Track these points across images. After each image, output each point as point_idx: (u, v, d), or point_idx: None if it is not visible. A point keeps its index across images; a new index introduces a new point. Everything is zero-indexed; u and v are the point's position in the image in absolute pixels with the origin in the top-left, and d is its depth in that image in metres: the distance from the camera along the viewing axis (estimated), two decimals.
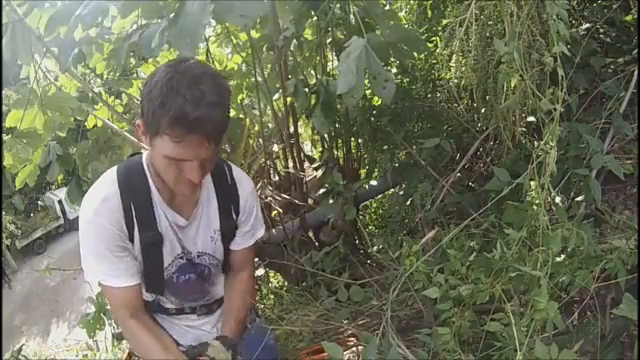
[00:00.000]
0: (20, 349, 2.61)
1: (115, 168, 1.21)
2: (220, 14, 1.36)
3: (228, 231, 1.33)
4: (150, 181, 1.19)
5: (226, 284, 1.48)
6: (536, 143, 1.57)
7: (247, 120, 3.46)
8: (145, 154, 1.22)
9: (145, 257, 1.23)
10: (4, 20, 2.07)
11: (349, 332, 2.26)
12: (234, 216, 1.32)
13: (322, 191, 2.97)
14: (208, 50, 3.35)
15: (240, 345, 1.36)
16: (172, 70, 1.01)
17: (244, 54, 3.33)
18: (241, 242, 1.39)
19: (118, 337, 1.90)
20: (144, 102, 1.04)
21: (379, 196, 4.33)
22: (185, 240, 1.28)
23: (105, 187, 1.17)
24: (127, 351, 1.62)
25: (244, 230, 1.37)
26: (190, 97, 0.96)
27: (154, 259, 1.24)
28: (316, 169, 3.23)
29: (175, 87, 0.97)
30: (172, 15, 1.42)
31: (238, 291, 1.42)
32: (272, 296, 3.69)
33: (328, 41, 2.72)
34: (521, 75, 1.47)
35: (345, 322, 2.24)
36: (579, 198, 1.84)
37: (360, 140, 3.40)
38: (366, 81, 1.68)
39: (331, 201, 2.78)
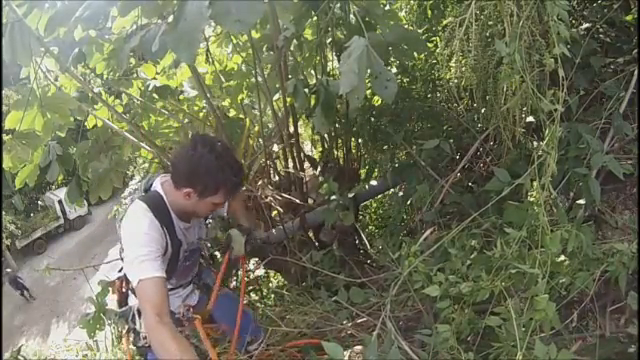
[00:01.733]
0: (19, 349, 2.61)
1: (140, 202, 1.61)
2: (217, 19, 1.37)
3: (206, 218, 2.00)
4: (169, 208, 1.66)
5: (229, 212, 2.15)
6: (536, 143, 1.57)
7: (247, 120, 3.46)
8: (161, 191, 1.66)
9: (171, 257, 1.71)
10: (4, 20, 2.07)
11: (349, 332, 2.26)
12: None
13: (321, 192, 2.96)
14: (208, 50, 3.35)
15: (253, 230, 2.11)
16: (217, 153, 1.56)
17: (244, 54, 3.33)
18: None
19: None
20: (202, 177, 1.56)
21: (379, 196, 4.33)
22: (189, 236, 1.82)
23: (143, 215, 1.58)
24: (126, 327, 1.88)
25: None
26: (232, 171, 1.59)
27: (175, 257, 1.74)
28: (315, 168, 3.23)
29: (223, 166, 1.56)
30: (171, 18, 1.42)
31: (238, 206, 2.16)
32: (272, 295, 3.69)
33: (328, 41, 2.72)
34: (521, 76, 1.47)
35: (345, 322, 2.24)
36: (580, 201, 1.84)
37: (360, 140, 3.40)
38: (366, 81, 1.68)
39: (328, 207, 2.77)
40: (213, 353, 1.61)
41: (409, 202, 2.69)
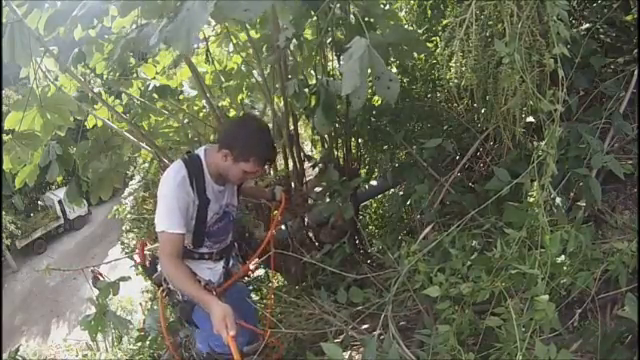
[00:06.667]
0: (17, 349, 2.61)
1: (179, 160, 1.87)
2: (224, 11, 1.37)
3: (239, 188, 2.17)
4: (205, 169, 1.89)
5: (249, 194, 2.56)
6: (536, 143, 1.57)
7: None
8: (201, 154, 1.91)
9: (198, 213, 1.90)
10: (4, 20, 2.07)
11: (349, 333, 2.26)
12: None
13: (318, 189, 2.96)
14: (208, 50, 3.35)
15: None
16: (261, 128, 1.88)
17: (244, 54, 3.33)
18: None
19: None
20: (241, 141, 1.81)
21: (379, 196, 4.33)
22: (221, 199, 2.01)
23: (176, 173, 1.81)
24: (161, 288, 2.09)
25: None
26: (267, 146, 1.87)
27: (203, 214, 1.92)
28: (313, 167, 3.23)
29: (261, 138, 1.84)
30: (172, 14, 1.42)
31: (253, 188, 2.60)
32: (272, 295, 3.68)
33: (328, 41, 2.72)
34: (521, 76, 1.47)
35: (345, 322, 2.24)
36: (581, 203, 1.84)
37: (360, 140, 3.40)
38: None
39: (328, 200, 2.77)
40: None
41: (409, 202, 2.69)
